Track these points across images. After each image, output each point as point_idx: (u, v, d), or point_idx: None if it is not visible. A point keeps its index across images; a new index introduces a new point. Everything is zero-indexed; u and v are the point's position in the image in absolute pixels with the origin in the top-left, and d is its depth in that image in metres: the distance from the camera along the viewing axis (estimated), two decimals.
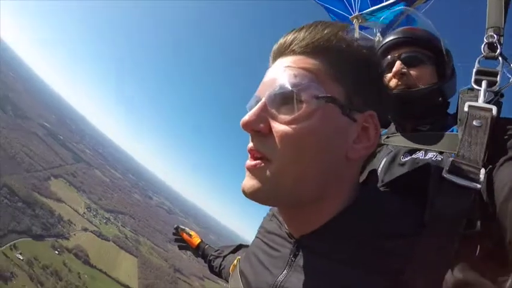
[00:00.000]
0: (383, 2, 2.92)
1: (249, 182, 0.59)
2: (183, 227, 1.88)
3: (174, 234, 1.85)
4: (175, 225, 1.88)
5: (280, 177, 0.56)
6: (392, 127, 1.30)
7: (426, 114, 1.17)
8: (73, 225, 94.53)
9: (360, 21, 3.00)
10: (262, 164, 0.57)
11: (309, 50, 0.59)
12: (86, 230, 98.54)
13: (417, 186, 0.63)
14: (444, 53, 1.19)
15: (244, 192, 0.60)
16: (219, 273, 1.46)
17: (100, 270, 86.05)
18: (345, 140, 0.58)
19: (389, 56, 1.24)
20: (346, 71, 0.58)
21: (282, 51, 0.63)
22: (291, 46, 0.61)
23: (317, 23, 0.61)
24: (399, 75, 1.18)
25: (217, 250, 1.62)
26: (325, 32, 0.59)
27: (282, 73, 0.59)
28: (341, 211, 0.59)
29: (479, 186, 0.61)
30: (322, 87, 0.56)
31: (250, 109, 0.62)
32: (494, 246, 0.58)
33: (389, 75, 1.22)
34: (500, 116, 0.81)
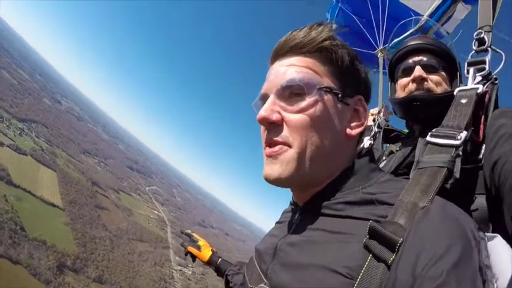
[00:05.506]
0: (404, 33, 2.66)
1: (273, 167, 0.68)
2: (188, 241, 1.77)
3: (181, 245, 1.79)
4: (181, 243, 1.80)
5: (300, 158, 0.66)
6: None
7: (438, 119, 1.05)
8: None
9: (384, 54, 2.93)
10: (284, 148, 0.67)
11: (306, 51, 0.70)
12: (2, 144, 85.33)
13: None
14: (457, 63, 1.24)
15: (268, 179, 0.69)
16: None
17: (24, 190, 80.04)
18: (343, 121, 0.71)
19: (410, 60, 1.25)
20: (337, 66, 0.71)
21: (282, 53, 0.73)
22: (291, 48, 0.71)
23: (311, 27, 0.71)
24: (419, 80, 1.20)
25: (236, 265, 1.55)
26: (320, 35, 0.69)
27: (287, 70, 0.69)
28: (336, 177, 0.71)
29: (458, 142, 0.73)
30: (321, 80, 0.69)
31: (257, 107, 0.73)
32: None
33: (407, 79, 1.24)
34: (498, 95, 0.94)
